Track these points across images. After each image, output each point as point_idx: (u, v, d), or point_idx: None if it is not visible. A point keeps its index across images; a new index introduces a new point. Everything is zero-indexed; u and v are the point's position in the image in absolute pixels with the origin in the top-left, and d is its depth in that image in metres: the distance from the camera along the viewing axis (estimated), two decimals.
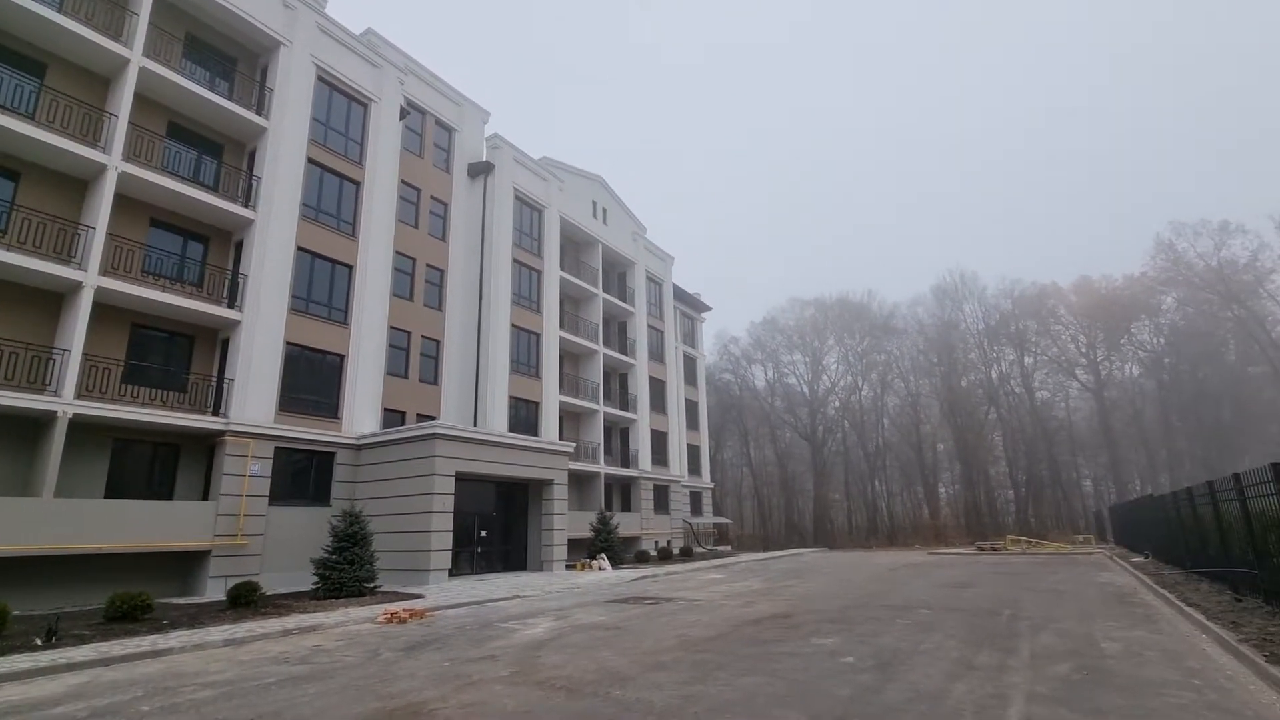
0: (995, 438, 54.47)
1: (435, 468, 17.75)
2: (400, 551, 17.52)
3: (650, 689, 6.35)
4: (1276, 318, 47.83)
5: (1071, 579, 16.91)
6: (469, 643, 9.27)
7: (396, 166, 22.48)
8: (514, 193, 27.32)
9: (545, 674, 7.13)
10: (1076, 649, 7.89)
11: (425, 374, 23.50)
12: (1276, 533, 8.74)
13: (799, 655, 7.79)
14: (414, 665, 7.80)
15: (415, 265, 23.79)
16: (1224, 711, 5.32)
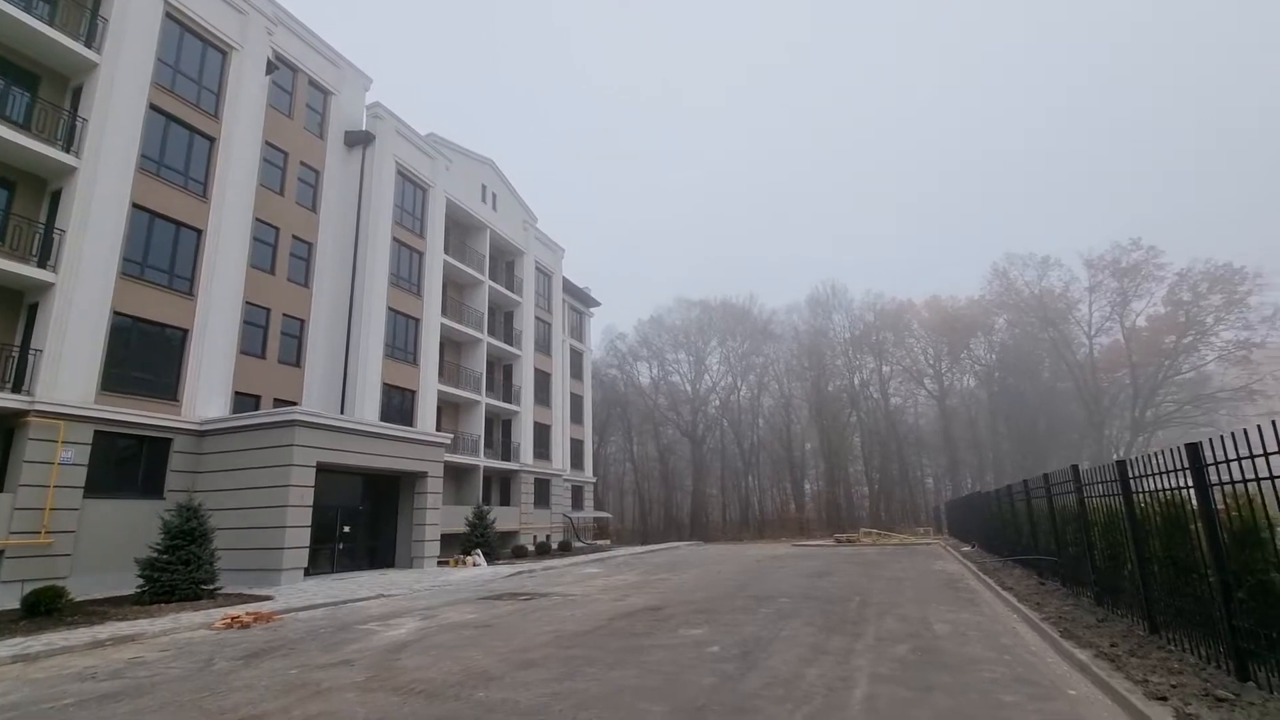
0: (855, 439, 59.16)
1: (294, 457, 16.31)
2: (248, 549, 15.92)
3: (517, 688, 6.17)
4: (1080, 342, 55.84)
5: (912, 568, 18.68)
6: (321, 648, 8.57)
7: (260, 125, 20.35)
8: (396, 167, 25.71)
9: (405, 678, 6.72)
10: (914, 631, 8.68)
11: (286, 355, 21.52)
12: (1073, 525, 10.13)
13: (668, 647, 7.94)
14: (253, 675, 7.06)
15: (279, 236, 21.68)
16: (1026, 682, 6.05)
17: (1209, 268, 48.97)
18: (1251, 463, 4.74)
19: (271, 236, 21.45)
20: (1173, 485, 6.13)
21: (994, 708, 5.27)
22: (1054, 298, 55.88)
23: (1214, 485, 5.42)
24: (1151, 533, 6.90)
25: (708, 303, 63.47)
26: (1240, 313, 47.63)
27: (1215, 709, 4.59)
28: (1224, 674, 5.40)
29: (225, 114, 19.14)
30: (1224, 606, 5.34)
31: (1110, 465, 7.75)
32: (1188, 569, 6.28)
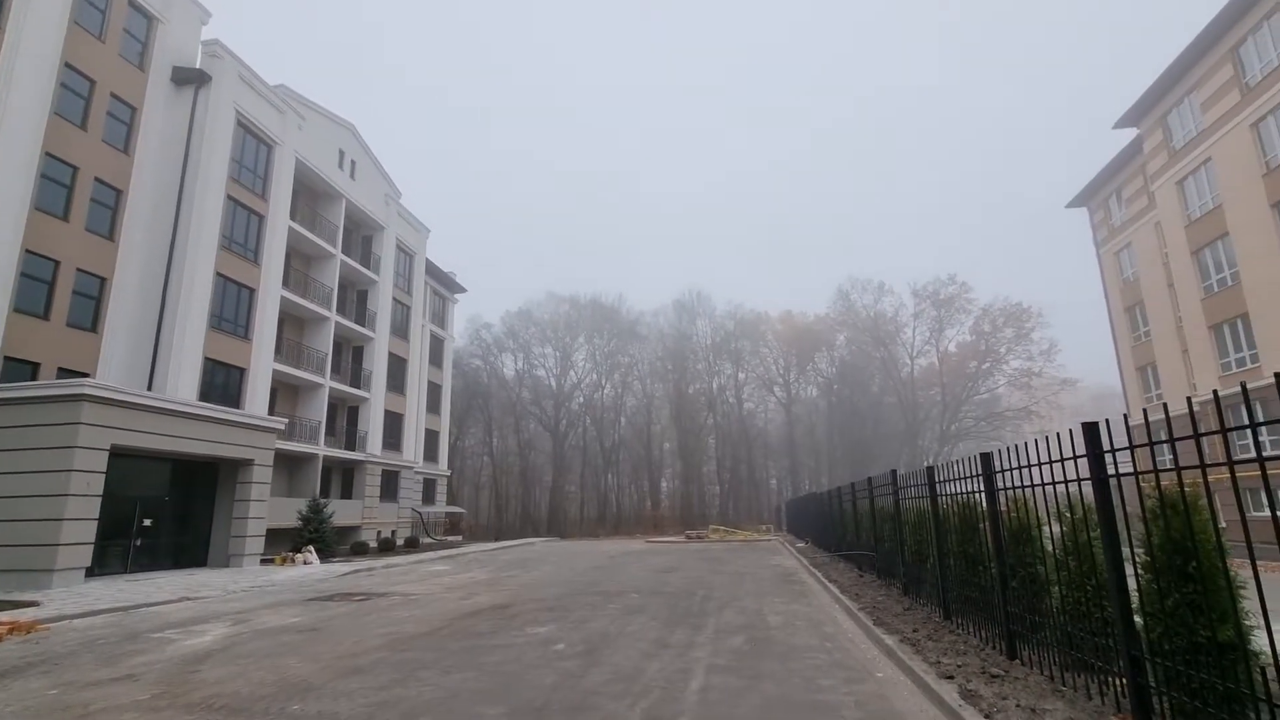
0: (710, 440, 62.13)
1: (79, 437, 13.90)
2: (10, 546, 13.30)
3: (339, 698, 5.65)
4: (904, 361, 63.04)
5: (753, 563, 19.89)
6: (99, 661, 7.32)
7: (58, 41, 17.19)
8: (237, 116, 22.84)
9: (203, 693, 5.91)
10: (750, 623, 9.19)
11: (79, 317, 18.30)
12: (889, 524, 11.31)
13: (512, 646, 7.72)
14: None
15: (77, 176, 18.36)
16: (843, 666, 6.60)
17: (1005, 305, 57.54)
18: (1026, 472, 5.51)
19: (67, 176, 18.12)
20: (968, 490, 7.00)
21: (813, 692, 5.67)
22: (886, 320, 62.56)
23: (999, 490, 6.25)
24: (950, 531, 7.86)
25: (577, 299, 63.49)
26: (1025, 345, 56.47)
27: (989, 684, 5.29)
28: (998, 654, 6.25)
29: (8, 23, 15.86)
30: (1001, 594, 6.18)
31: (921, 471, 8.71)
32: (976, 562, 7.21)
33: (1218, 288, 24.32)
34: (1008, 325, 57.11)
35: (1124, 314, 32.81)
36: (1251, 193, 22.20)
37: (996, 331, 57.72)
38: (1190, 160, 25.15)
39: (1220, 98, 23.44)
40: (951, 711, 4.78)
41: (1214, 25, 22.90)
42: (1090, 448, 4.45)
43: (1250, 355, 22.60)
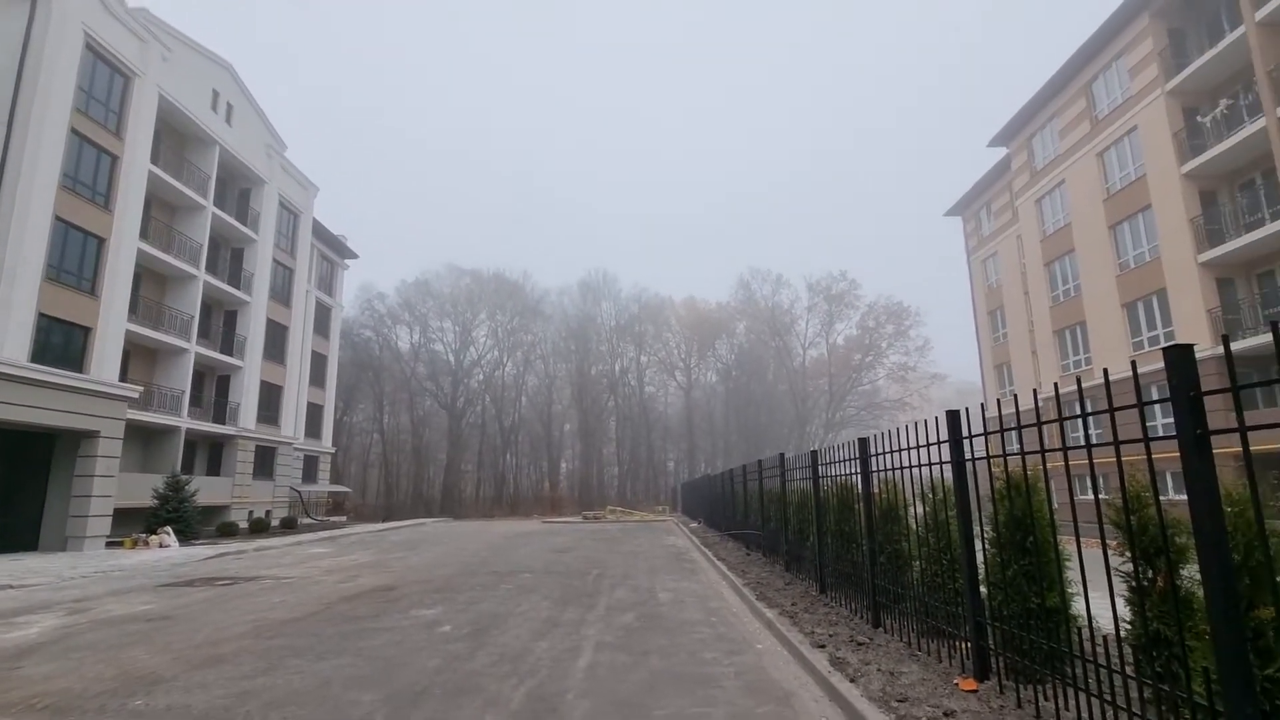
0: (611, 422, 62.58)
1: None
2: None
3: (192, 691, 5.18)
4: (797, 352, 66.39)
5: (647, 542, 20.33)
6: None
7: None
8: (85, 38, 19.89)
9: (24, 691, 5.21)
10: (641, 600, 9.37)
11: None
12: (775, 505, 11.91)
13: (394, 630, 7.41)
14: None
15: None
16: (726, 640, 6.89)
17: (888, 303, 61.87)
18: (898, 456, 5.95)
19: None
20: (847, 472, 7.47)
21: (697, 665, 5.87)
22: (782, 312, 65.43)
23: (874, 473, 6.71)
24: (829, 511, 8.37)
25: (480, 273, 61.43)
26: (904, 342, 61.12)
27: (856, 651, 5.70)
28: (866, 624, 6.76)
29: None
30: (870, 569, 6.68)
31: (806, 455, 9.21)
32: (850, 540, 7.75)
33: (1063, 298, 27.43)
34: (889, 322, 61.55)
35: (987, 317, 36.27)
36: (1094, 214, 25.13)
37: (879, 327, 62.03)
38: (1048, 181, 28.06)
39: (1074, 127, 26.26)
40: (821, 678, 5.11)
41: (1073, 60, 25.54)
42: (951, 434, 4.86)
43: (1086, 358, 25.73)
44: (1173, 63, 21.58)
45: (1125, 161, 23.73)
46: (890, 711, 4.14)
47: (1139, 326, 23.04)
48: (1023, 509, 4.61)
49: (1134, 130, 23.04)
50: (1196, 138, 20.91)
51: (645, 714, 4.58)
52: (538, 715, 4.58)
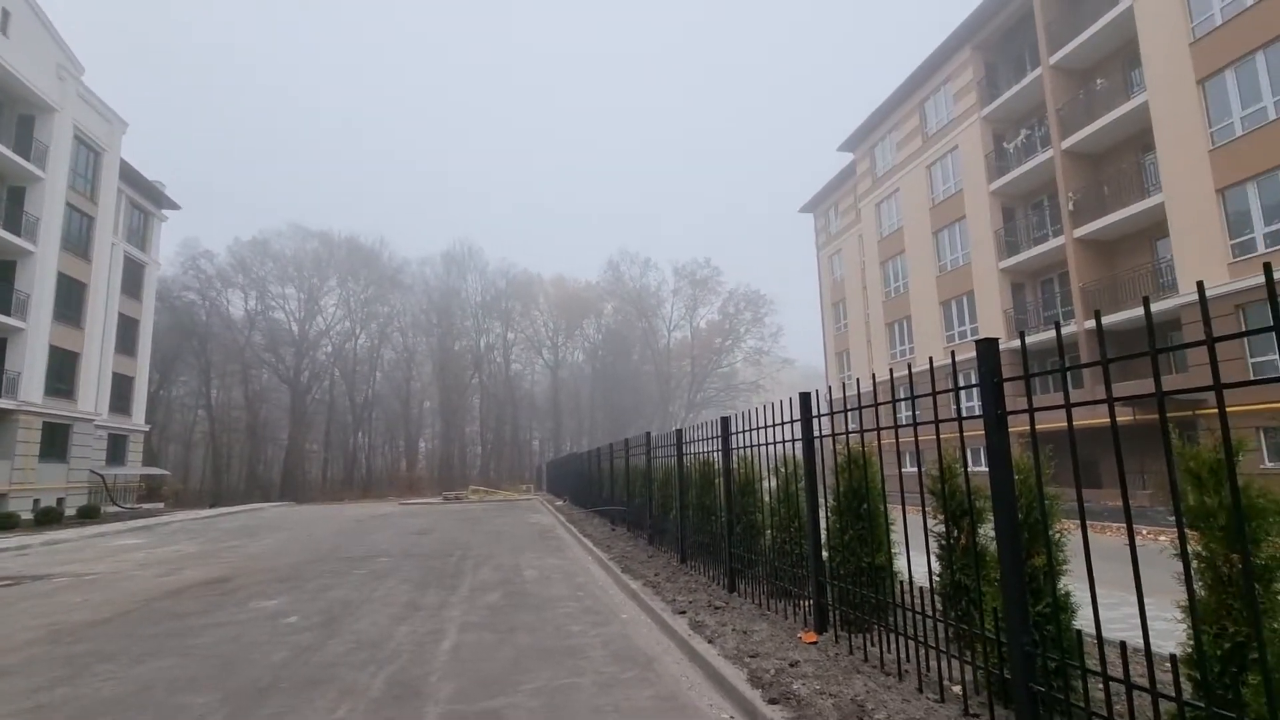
0: (474, 400, 60.78)
1: None
2: None
3: None
4: (662, 334, 68.57)
5: (511, 521, 20.14)
6: None
7: None
8: None
9: None
10: (506, 579, 9.31)
11: None
12: (641, 481, 12.33)
13: (231, 624, 6.76)
14: None
15: None
16: (592, 612, 7.08)
17: (747, 291, 65.78)
18: (756, 433, 6.41)
19: None
20: (708, 449, 7.93)
21: (564, 638, 5.99)
22: (649, 294, 67.13)
23: (733, 450, 7.18)
24: (691, 486, 8.84)
25: (330, 236, 56.46)
26: (760, 328, 65.38)
27: (713, 614, 6.13)
28: (723, 589, 7.27)
29: None
30: (727, 539, 7.17)
31: (671, 433, 9.62)
32: (710, 513, 8.25)
33: (894, 294, 30.77)
34: (748, 309, 65.47)
35: (831, 308, 39.78)
36: (922, 221, 28.36)
37: (739, 313, 65.80)
38: (886, 187, 31.19)
39: (910, 141, 29.36)
40: (682, 641, 5.45)
41: (910, 80, 28.48)
42: (803, 413, 5.34)
43: (911, 348, 29.14)
44: (988, 92, 24.81)
45: (948, 176, 26.99)
46: (744, 667, 4.53)
47: (952, 321, 26.50)
48: (859, 480, 5.20)
49: (955, 149, 26.24)
50: (1002, 160, 24.28)
51: (513, 689, 4.61)
52: (400, 700, 4.44)
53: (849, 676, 4.16)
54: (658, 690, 4.55)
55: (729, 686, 4.32)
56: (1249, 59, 15.71)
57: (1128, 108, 18.88)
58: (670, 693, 4.49)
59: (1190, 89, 16.94)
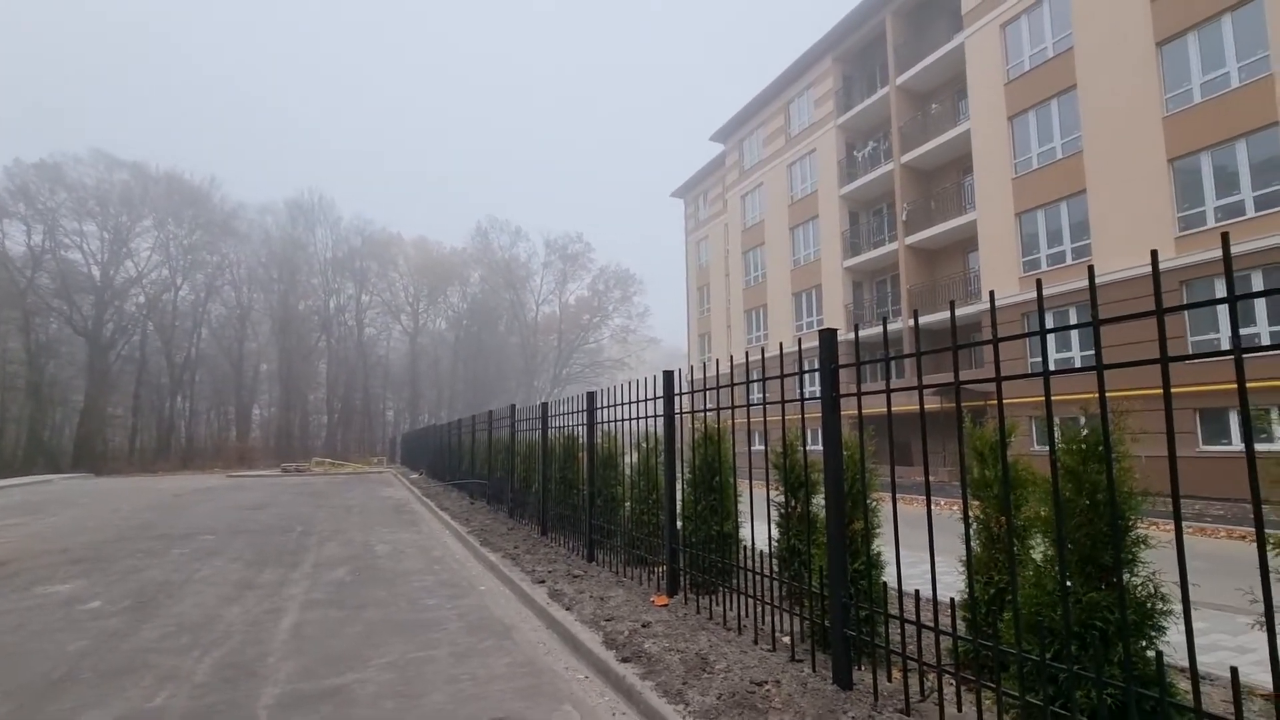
0: (321, 365, 56.02)
1: None
2: None
3: None
4: (530, 307, 67.48)
5: (362, 495, 19.03)
6: None
7: None
8: None
9: None
10: (355, 555, 8.86)
11: None
12: (503, 455, 12.21)
13: (10, 613, 5.83)
14: None
15: None
16: (449, 585, 6.99)
17: (617, 269, 66.52)
18: (621, 409, 6.65)
19: None
20: (574, 424, 8.06)
21: (419, 611, 5.87)
22: (519, 265, 65.63)
23: (598, 424, 7.38)
24: (554, 459, 8.94)
25: (145, 169, 48.45)
26: (628, 307, 66.54)
27: (572, 583, 6.32)
28: (582, 560, 7.48)
29: None
30: (588, 511, 7.38)
31: (537, 406, 9.63)
32: (571, 486, 8.42)
33: (753, 283, 32.74)
34: (617, 287, 66.26)
35: (696, 292, 41.47)
36: (781, 216, 30.34)
37: (608, 291, 66.39)
38: (752, 181, 32.92)
39: (775, 138, 31.16)
40: (540, 609, 5.58)
41: (778, 81, 30.14)
42: (666, 390, 5.63)
43: (765, 334, 31.24)
44: (843, 102, 26.95)
45: (806, 176, 29.06)
46: (599, 630, 4.75)
47: (802, 312, 28.78)
48: (712, 455, 5.60)
49: (814, 151, 28.28)
50: (852, 168, 26.59)
51: (363, 665, 4.47)
52: (231, 683, 4.14)
53: (695, 634, 4.53)
54: (515, 657, 4.64)
55: (585, 649, 4.52)
56: (1046, 104, 18.51)
57: (954, 133, 21.47)
58: (528, 659, 4.61)
59: (1002, 123, 19.63)
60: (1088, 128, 17.20)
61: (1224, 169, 14.80)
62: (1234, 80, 14.61)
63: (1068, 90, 17.84)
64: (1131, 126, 16.16)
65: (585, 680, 4.18)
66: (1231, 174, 14.66)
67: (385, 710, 3.72)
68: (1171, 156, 15.42)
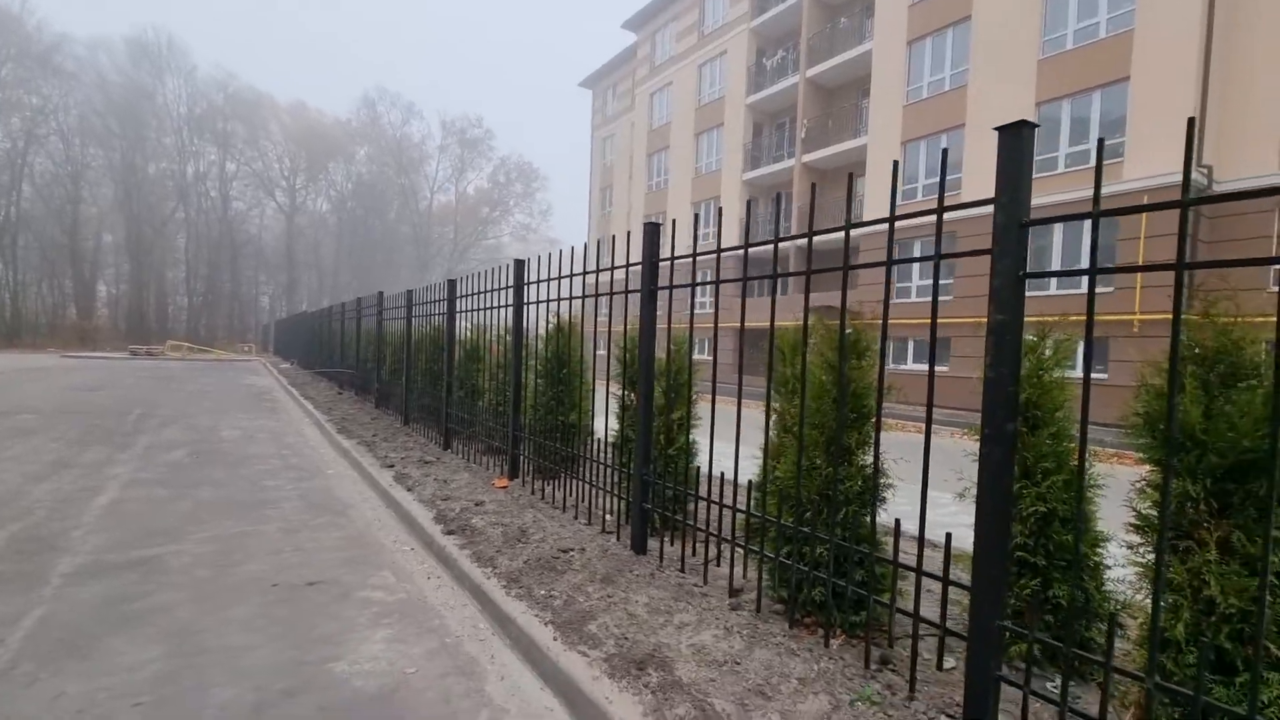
0: (180, 239, 50.19)
1: None
2: None
3: None
4: (424, 194, 63.08)
5: (221, 382, 17.87)
6: None
7: None
8: None
9: None
10: (199, 439, 8.44)
11: None
12: (374, 346, 11.80)
13: None
14: None
15: None
16: (297, 469, 6.90)
17: (520, 161, 63.21)
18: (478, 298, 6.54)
19: None
20: (438, 312, 7.89)
21: (257, 492, 5.79)
22: (411, 146, 60.59)
23: (459, 313, 7.27)
24: (421, 349, 8.78)
25: None
26: (530, 203, 63.88)
27: (421, 468, 6.43)
28: (439, 447, 7.58)
29: None
30: (445, 399, 7.42)
31: (403, 294, 9.29)
32: (436, 377, 8.35)
33: (655, 188, 32.35)
34: (519, 181, 63.18)
35: (599, 193, 40.42)
36: (687, 120, 29.72)
37: (510, 184, 63.21)
38: (661, 79, 31.71)
39: (688, 35, 29.89)
40: (383, 491, 5.68)
41: None
42: (516, 279, 5.62)
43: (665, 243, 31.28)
44: (758, 3, 26.09)
45: (715, 80, 28.36)
46: (434, 508, 4.94)
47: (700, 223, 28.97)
48: (561, 347, 5.75)
49: (725, 54, 27.50)
50: (760, 76, 26.21)
51: (182, 538, 4.41)
52: (24, 555, 3.96)
53: (523, 511, 4.83)
54: (347, 532, 4.75)
55: (416, 525, 4.70)
56: (943, 32, 18.92)
57: (858, 51, 21.57)
58: (358, 533, 4.74)
59: (901, 46, 19.92)
60: (975, 61, 17.86)
61: (1079, 119, 16.06)
62: (1102, 31, 15.57)
63: (964, 20, 18.26)
64: (1012, 65, 16.96)
65: (410, 551, 4.39)
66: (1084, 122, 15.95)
67: (197, 577, 3.74)
68: (1039, 100, 16.46)
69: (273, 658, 2.88)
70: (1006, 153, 2.00)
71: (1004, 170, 2.01)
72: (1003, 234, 2.01)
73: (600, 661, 2.64)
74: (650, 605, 3.15)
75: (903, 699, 2.34)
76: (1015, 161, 1.99)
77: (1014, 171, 1.99)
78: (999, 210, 2.02)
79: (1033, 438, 2.76)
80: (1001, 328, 1.99)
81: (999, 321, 2.00)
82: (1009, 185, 2.00)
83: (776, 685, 2.43)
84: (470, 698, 2.62)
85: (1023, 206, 1.99)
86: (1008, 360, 1.98)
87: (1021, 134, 1.97)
